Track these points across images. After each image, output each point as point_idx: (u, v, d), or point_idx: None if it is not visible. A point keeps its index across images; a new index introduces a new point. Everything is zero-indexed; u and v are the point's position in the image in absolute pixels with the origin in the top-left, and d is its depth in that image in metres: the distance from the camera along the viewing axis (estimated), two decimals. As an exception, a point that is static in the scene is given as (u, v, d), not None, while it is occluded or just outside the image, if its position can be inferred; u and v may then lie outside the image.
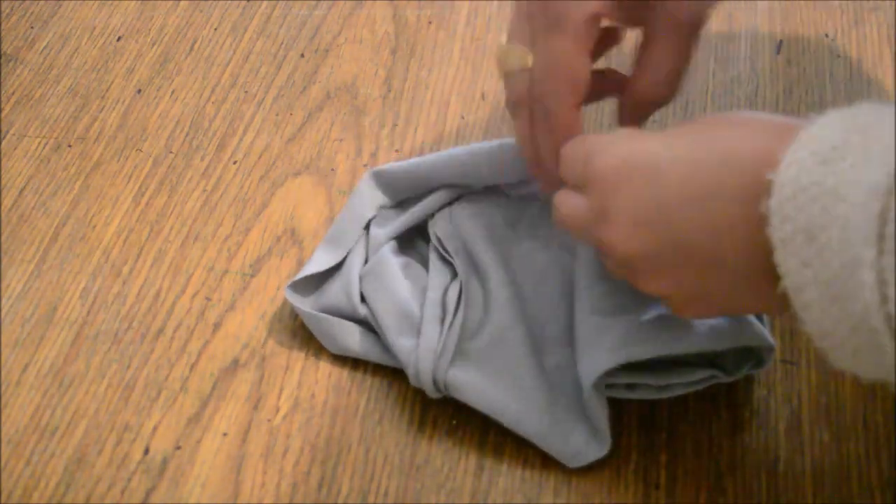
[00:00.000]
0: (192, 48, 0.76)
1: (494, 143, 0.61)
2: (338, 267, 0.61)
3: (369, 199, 0.62)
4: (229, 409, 0.57)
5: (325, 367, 0.59)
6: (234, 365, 0.59)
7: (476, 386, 0.55)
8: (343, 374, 0.58)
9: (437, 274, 0.59)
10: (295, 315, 0.60)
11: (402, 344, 0.56)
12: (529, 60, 0.54)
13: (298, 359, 0.59)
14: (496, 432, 0.56)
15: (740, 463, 0.55)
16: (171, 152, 0.69)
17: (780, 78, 0.73)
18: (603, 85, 0.58)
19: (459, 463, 0.55)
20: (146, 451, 0.55)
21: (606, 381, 0.54)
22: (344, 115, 0.71)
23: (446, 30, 0.76)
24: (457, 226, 0.61)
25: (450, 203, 0.62)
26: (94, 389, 0.58)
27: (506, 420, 0.55)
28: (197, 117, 0.71)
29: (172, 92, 0.73)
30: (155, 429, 0.56)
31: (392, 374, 0.58)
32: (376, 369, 0.58)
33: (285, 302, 0.61)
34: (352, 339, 0.58)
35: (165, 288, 0.62)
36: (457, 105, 0.72)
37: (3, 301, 0.61)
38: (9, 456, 0.55)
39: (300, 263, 0.63)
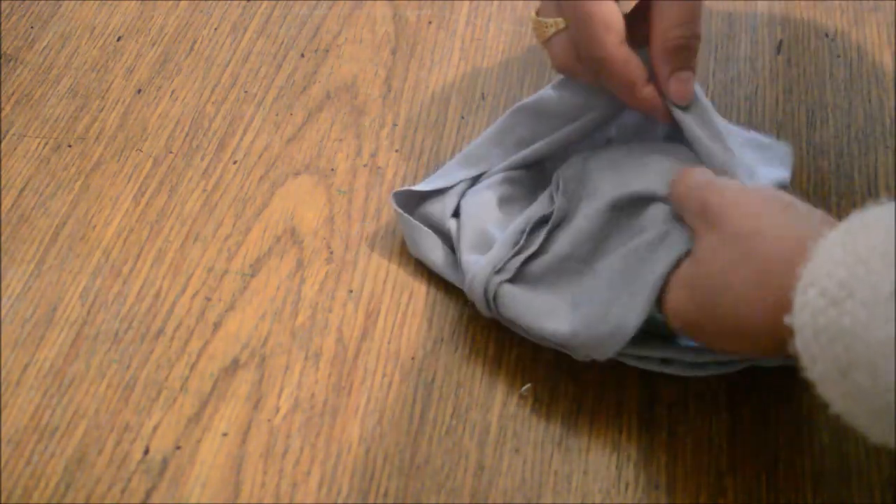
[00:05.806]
0: (192, 48, 0.76)
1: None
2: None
3: (510, 131, 0.64)
4: (229, 409, 0.57)
5: (325, 367, 0.59)
6: (234, 365, 0.59)
7: (523, 299, 0.56)
8: (343, 374, 0.58)
9: (535, 208, 0.60)
10: (295, 315, 0.61)
11: (469, 258, 0.59)
12: (561, 23, 0.60)
13: (298, 359, 0.59)
14: (496, 432, 0.56)
15: (740, 463, 0.55)
16: (171, 152, 0.69)
17: (780, 78, 0.73)
18: (640, 30, 0.60)
19: (459, 463, 0.55)
20: (146, 451, 0.55)
21: (641, 353, 0.55)
22: (344, 115, 0.71)
23: (446, 30, 0.76)
24: (587, 172, 0.61)
25: (579, 151, 0.63)
26: (94, 389, 0.58)
27: (545, 333, 0.56)
28: (197, 117, 0.71)
29: (172, 92, 0.73)
30: (155, 429, 0.56)
31: (392, 374, 0.58)
32: (378, 369, 0.58)
33: (285, 302, 0.61)
34: (427, 247, 0.61)
35: (165, 288, 0.62)
36: (457, 105, 0.72)
37: (3, 301, 0.61)
38: (9, 456, 0.55)
39: (300, 263, 0.63)
